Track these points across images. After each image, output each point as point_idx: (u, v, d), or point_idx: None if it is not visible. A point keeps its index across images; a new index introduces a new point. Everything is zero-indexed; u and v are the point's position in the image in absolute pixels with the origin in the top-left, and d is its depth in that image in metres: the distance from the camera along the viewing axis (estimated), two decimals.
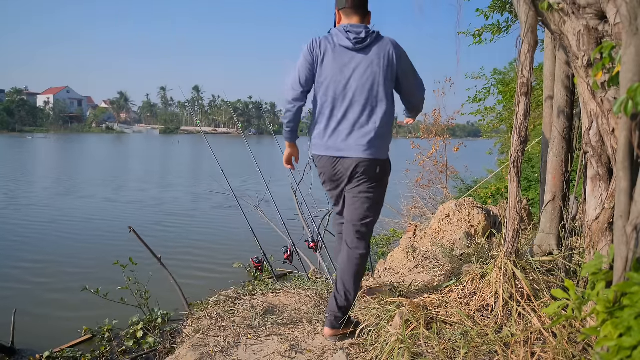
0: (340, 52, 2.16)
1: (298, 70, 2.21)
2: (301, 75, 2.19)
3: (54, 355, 4.20)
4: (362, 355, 2.05)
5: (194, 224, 10.61)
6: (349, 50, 2.15)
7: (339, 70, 2.16)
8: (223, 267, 6.95)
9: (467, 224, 4.06)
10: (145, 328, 4.41)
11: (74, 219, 10.66)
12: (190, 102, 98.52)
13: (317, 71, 2.19)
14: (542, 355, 1.71)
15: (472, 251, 2.52)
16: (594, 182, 1.74)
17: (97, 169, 23.43)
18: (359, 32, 2.14)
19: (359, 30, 2.14)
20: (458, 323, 2.00)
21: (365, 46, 2.15)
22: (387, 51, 2.15)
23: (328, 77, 2.17)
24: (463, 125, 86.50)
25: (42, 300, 5.83)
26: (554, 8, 1.72)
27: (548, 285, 2.07)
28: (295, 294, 2.89)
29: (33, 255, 7.71)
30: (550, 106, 2.54)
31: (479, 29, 6.18)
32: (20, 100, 75.37)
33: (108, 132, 78.75)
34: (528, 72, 1.95)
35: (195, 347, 2.24)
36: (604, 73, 1.53)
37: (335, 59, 2.16)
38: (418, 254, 3.86)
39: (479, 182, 9.25)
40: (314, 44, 2.18)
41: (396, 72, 2.19)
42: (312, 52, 2.18)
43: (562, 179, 2.48)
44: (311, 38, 2.21)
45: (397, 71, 2.19)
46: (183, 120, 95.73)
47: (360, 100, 2.16)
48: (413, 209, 8.57)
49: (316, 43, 2.18)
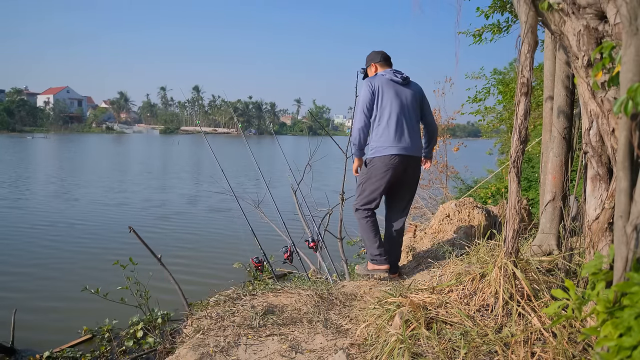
0: (392, 85, 3.14)
1: (364, 102, 3.11)
2: (367, 104, 3.11)
3: (54, 355, 4.20)
4: (362, 355, 2.05)
5: (194, 224, 10.61)
6: (398, 84, 3.16)
7: (395, 96, 3.12)
8: (223, 267, 6.96)
9: (467, 224, 4.06)
10: (145, 328, 4.41)
11: (74, 219, 10.66)
12: (190, 102, 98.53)
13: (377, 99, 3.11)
14: (542, 355, 1.71)
15: (472, 251, 2.52)
16: (594, 182, 1.74)
17: (97, 169, 23.44)
18: (402, 73, 3.22)
19: (402, 72, 3.22)
20: (458, 323, 2.00)
21: (407, 83, 3.19)
22: (418, 90, 3.25)
23: (389, 101, 3.10)
24: (463, 125, 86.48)
25: (42, 301, 5.83)
26: (554, 8, 1.72)
27: (548, 285, 2.07)
28: (295, 294, 2.88)
29: (33, 255, 7.70)
30: (550, 106, 2.54)
31: (479, 29, 6.19)
32: (20, 100, 75.33)
33: (108, 132, 78.76)
34: (528, 72, 1.95)
35: (195, 347, 2.23)
36: (604, 73, 1.53)
37: (389, 89, 3.12)
38: (418, 254, 3.86)
39: (479, 182, 9.25)
40: (371, 82, 3.13)
41: (422, 106, 3.28)
42: (373, 87, 3.11)
43: (562, 179, 2.48)
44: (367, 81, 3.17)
45: (423, 105, 3.29)
46: (183, 120, 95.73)
47: (413, 117, 3.17)
48: (413, 209, 8.57)
49: (372, 82, 3.14)
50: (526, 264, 2.10)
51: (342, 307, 2.69)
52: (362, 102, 3.12)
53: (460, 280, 2.25)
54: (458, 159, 10.64)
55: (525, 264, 2.10)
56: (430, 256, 3.60)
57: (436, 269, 2.83)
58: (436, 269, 2.91)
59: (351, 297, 2.84)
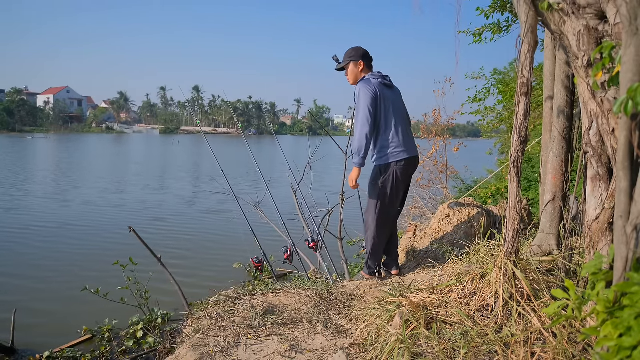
0: (386, 88, 3.15)
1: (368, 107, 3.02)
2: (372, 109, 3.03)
3: (54, 355, 4.20)
4: (362, 355, 2.04)
5: (194, 224, 10.60)
6: (388, 87, 3.18)
7: (392, 100, 3.14)
8: (223, 267, 6.96)
9: (467, 224, 4.06)
10: (145, 328, 4.41)
11: (74, 219, 10.67)
12: (190, 102, 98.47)
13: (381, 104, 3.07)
14: (542, 355, 1.71)
15: (472, 251, 2.52)
16: (594, 182, 1.74)
17: (97, 169, 23.43)
18: (387, 75, 3.22)
19: (386, 75, 3.22)
20: (458, 323, 2.00)
21: (392, 85, 3.23)
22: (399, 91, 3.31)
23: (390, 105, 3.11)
24: (463, 125, 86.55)
25: (42, 301, 5.83)
26: (554, 8, 1.72)
27: (548, 285, 2.07)
28: (295, 294, 2.88)
29: (33, 255, 7.71)
30: (550, 106, 2.53)
31: (479, 28, 6.19)
32: (20, 100, 75.26)
33: (108, 132, 78.72)
34: (528, 72, 1.95)
35: (195, 347, 2.23)
36: (604, 73, 1.53)
37: (386, 93, 3.12)
38: (418, 254, 3.86)
39: (479, 182, 9.25)
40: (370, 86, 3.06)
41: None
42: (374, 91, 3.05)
43: (562, 179, 2.47)
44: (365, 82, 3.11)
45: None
46: (183, 120, 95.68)
47: (407, 119, 3.27)
48: (413, 209, 8.57)
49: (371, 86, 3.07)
50: (526, 264, 2.10)
51: (342, 307, 2.69)
52: (366, 106, 3.01)
53: (460, 280, 2.25)
54: (458, 159, 10.63)
55: (525, 264, 2.09)
56: (430, 256, 3.60)
57: (436, 269, 2.83)
58: (436, 269, 2.91)
59: (351, 297, 2.84)
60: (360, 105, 3.05)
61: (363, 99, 3.03)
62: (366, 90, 3.04)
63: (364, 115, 3.01)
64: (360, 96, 3.05)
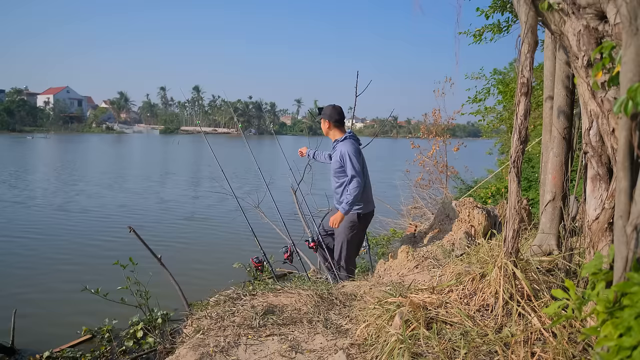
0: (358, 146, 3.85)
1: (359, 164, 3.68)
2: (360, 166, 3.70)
3: (54, 355, 4.19)
4: (362, 355, 2.04)
5: (194, 223, 10.60)
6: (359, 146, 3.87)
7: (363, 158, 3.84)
8: (223, 267, 6.95)
9: (467, 224, 4.06)
10: (145, 328, 4.40)
11: (74, 218, 10.67)
12: (190, 102, 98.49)
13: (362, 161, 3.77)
14: (542, 355, 1.71)
15: (472, 251, 2.52)
16: (594, 182, 1.74)
17: (97, 169, 23.43)
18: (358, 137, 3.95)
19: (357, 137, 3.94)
20: (458, 323, 1.99)
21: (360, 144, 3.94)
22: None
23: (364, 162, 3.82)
24: (463, 125, 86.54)
25: (42, 301, 5.83)
26: (554, 8, 1.72)
27: (548, 285, 2.07)
28: (295, 294, 2.88)
29: (33, 255, 7.70)
30: (550, 106, 2.53)
31: (479, 29, 6.20)
32: (20, 100, 75.28)
33: (108, 132, 78.70)
34: (528, 72, 1.95)
35: (195, 347, 2.23)
36: (604, 73, 1.53)
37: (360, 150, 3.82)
38: (418, 254, 3.85)
39: (479, 182, 9.25)
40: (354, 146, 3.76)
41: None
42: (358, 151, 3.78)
43: (562, 179, 2.47)
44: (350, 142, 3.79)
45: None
46: (183, 120, 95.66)
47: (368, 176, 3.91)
48: (413, 209, 8.58)
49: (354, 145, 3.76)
50: (526, 264, 2.10)
51: (342, 307, 2.69)
52: (357, 163, 3.65)
53: (460, 280, 2.25)
54: (458, 159, 10.63)
55: (525, 264, 2.10)
56: (430, 256, 3.60)
57: (436, 269, 2.83)
58: (436, 269, 2.91)
59: (351, 297, 2.84)
60: (353, 162, 3.65)
61: (355, 158, 3.66)
62: (354, 150, 3.70)
63: (358, 171, 3.64)
64: (351, 154, 3.66)
